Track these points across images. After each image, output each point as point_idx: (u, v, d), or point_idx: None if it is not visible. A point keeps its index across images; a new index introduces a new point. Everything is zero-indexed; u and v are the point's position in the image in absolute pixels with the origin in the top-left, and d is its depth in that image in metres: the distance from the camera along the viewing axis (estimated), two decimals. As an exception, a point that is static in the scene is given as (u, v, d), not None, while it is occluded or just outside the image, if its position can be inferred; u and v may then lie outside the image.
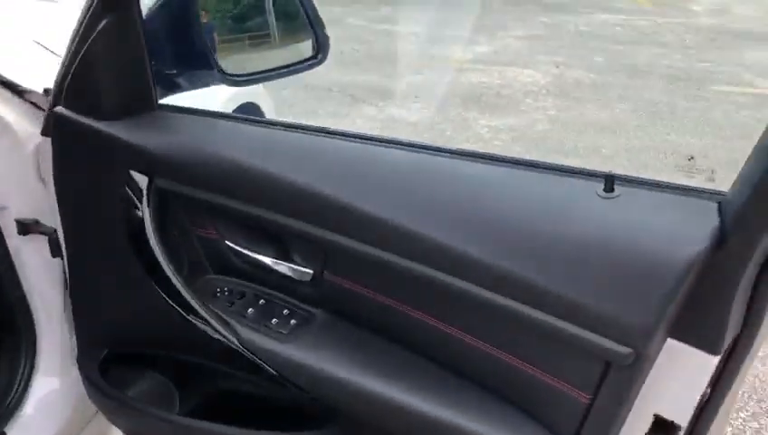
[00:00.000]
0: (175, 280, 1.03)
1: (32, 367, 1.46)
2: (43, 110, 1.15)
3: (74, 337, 1.45)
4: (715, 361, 0.73)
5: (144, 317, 1.20)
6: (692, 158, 3.95)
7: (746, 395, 2.09)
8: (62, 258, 1.31)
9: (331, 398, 0.98)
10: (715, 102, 4.94)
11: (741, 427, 1.99)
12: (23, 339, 1.44)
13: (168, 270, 1.03)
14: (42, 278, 1.40)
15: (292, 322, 1.01)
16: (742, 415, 2.02)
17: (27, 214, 1.26)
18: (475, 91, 5.05)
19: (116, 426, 1.41)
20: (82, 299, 1.28)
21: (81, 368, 1.35)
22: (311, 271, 1.01)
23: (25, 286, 1.39)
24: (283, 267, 1.03)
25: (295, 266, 1.02)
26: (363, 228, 0.88)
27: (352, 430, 1.02)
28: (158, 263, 1.06)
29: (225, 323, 1.02)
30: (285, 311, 1.03)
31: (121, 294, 1.20)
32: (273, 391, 1.13)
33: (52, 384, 1.47)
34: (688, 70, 5.70)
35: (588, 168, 0.80)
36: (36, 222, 1.28)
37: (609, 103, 4.89)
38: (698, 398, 0.76)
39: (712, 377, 0.74)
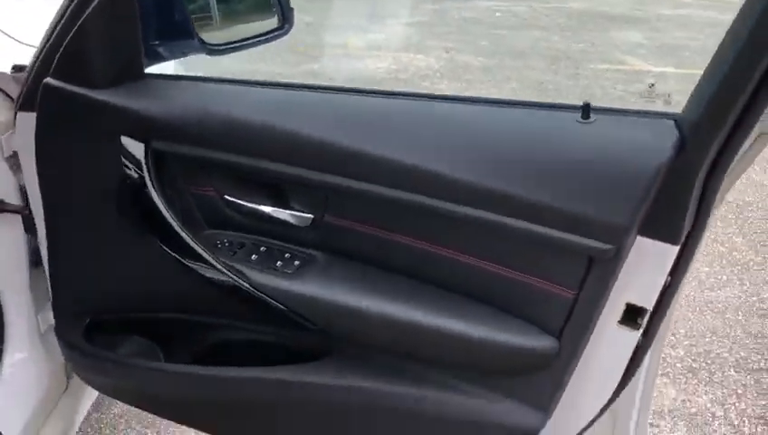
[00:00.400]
0: (183, 233, 1.10)
1: (1, 341, 1.46)
2: (4, 92, 1.18)
3: (41, 314, 1.47)
4: (675, 250, 0.90)
5: (135, 280, 1.25)
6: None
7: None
8: (35, 235, 1.33)
9: (341, 326, 1.08)
10: (593, 79, 5.36)
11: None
12: None
13: (175, 224, 1.10)
14: (6, 257, 1.41)
15: (296, 263, 1.11)
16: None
17: None
18: (374, 76, 5.21)
19: (99, 390, 1.44)
20: (65, 271, 1.30)
21: (60, 337, 1.38)
22: (311, 216, 1.11)
23: None
24: (282, 215, 1.12)
25: (295, 213, 1.11)
26: (361, 167, 0.98)
27: (345, 359, 1.13)
28: (160, 221, 1.12)
29: (233, 269, 1.10)
30: (287, 255, 1.12)
31: (112, 261, 1.24)
32: (264, 336, 1.22)
33: (23, 361, 1.48)
34: (566, 50, 6.12)
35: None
36: (1, 201, 1.30)
37: (499, 84, 5.19)
38: (662, 284, 0.93)
39: (672, 265, 0.92)
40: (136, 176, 1.14)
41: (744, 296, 2.48)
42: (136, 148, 1.13)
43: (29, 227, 1.33)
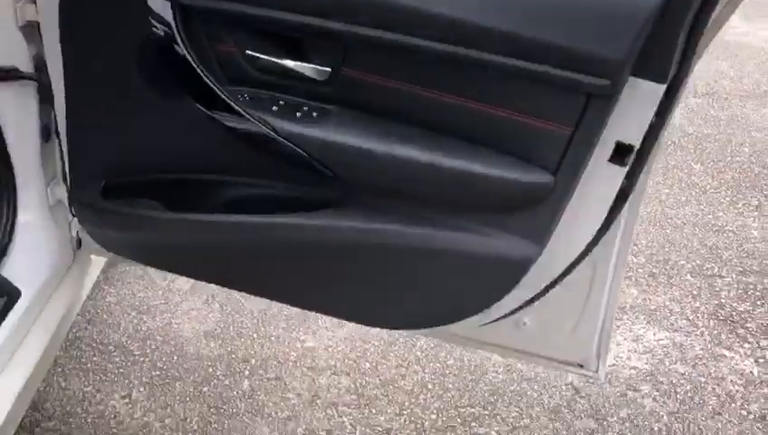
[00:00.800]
0: (211, 82, 1.18)
1: (14, 214, 1.53)
2: None
3: (49, 187, 1.53)
4: (662, 90, 1.03)
5: (155, 139, 1.31)
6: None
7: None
8: (49, 104, 1.39)
9: (355, 170, 1.18)
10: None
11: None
12: (2, 185, 1.50)
13: (204, 75, 1.17)
14: (20, 125, 1.47)
15: (314, 114, 1.20)
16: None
17: (4, 62, 1.32)
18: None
19: (111, 249, 1.52)
20: (83, 135, 1.36)
21: (75, 201, 1.45)
22: (328, 69, 1.20)
23: (4, 134, 1.45)
24: (301, 68, 1.20)
25: (313, 65, 1.20)
26: (378, 14, 1.07)
27: (357, 205, 1.24)
28: (189, 75, 1.19)
29: (255, 116, 1.18)
30: (305, 108, 1.22)
31: (133, 120, 1.31)
32: (279, 191, 1.32)
33: (35, 229, 1.55)
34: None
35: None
36: (16, 69, 1.35)
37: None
38: (648, 123, 1.06)
39: (659, 105, 1.04)
40: (161, 33, 1.21)
41: (700, 214, 2.66)
42: (161, 6, 1.20)
43: (43, 96, 1.39)
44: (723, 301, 2.25)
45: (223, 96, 1.19)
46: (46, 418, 1.72)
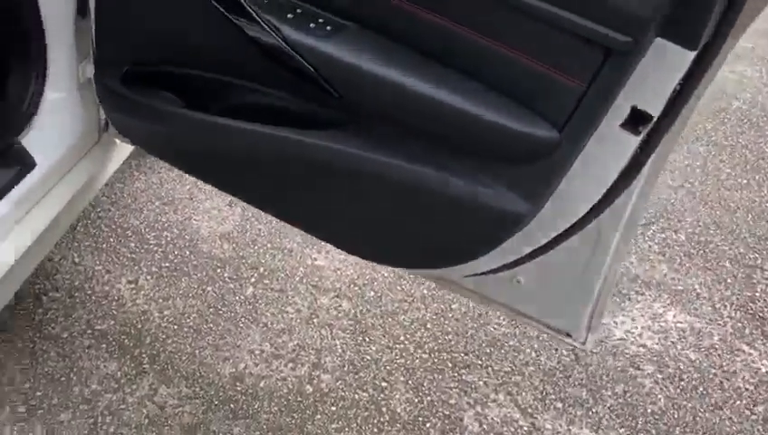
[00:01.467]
0: None
1: (42, 87, 1.55)
2: None
3: (81, 65, 1.55)
4: (690, 57, 0.93)
5: (176, 32, 1.29)
6: None
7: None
8: None
9: (361, 93, 1.14)
10: None
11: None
12: (34, 56, 1.51)
13: None
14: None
15: (328, 27, 1.15)
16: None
17: None
18: None
19: (128, 136, 1.53)
20: (110, 16, 1.35)
21: (98, 82, 1.46)
22: (349, -18, 1.14)
23: (40, 5, 1.45)
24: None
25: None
26: None
27: (361, 130, 1.19)
28: None
29: (269, 24, 1.14)
30: (320, 19, 1.16)
31: (158, 10, 1.28)
32: (287, 103, 1.28)
33: (61, 103, 1.57)
34: None
35: None
36: None
37: None
38: (671, 91, 0.97)
39: (686, 73, 0.95)
40: None
41: (758, 201, 2.50)
42: None
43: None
44: (757, 294, 2.13)
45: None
46: (54, 289, 1.79)
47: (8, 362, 1.59)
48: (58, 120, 1.57)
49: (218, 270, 1.94)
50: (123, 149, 1.79)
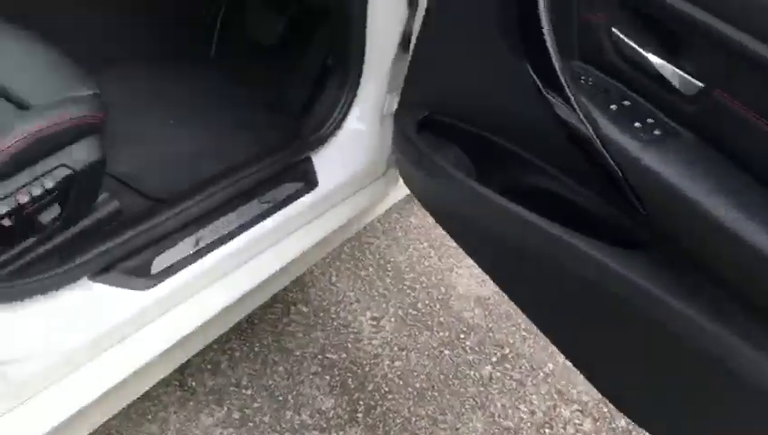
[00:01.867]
0: (555, 59, 0.98)
1: (348, 110, 1.54)
2: None
3: (390, 94, 1.51)
4: None
5: (484, 92, 1.18)
6: None
7: None
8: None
9: (678, 223, 0.90)
10: None
11: None
12: (350, 83, 1.51)
13: (551, 47, 0.98)
14: (383, 31, 1.44)
15: (656, 132, 0.93)
16: None
17: None
18: None
19: (408, 184, 1.46)
20: (425, 61, 1.29)
21: (396, 119, 1.40)
22: (701, 84, 0.90)
23: (368, 35, 1.45)
24: (669, 72, 0.93)
25: (685, 75, 0.92)
26: None
27: (672, 260, 0.95)
28: (537, 41, 1.00)
29: (585, 110, 0.96)
30: (650, 120, 0.95)
31: (472, 67, 1.18)
32: (582, 200, 1.09)
33: (361, 129, 1.55)
34: None
35: None
36: None
37: None
38: None
39: None
40: None
41: None
42: None
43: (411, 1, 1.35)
44: None
45: (561, 75, 0.99)
46: (304, 302, 1.80)
47: (240, 362, 1.62)
48: (352, 147, 1.56)
49: (462, 335, 1.80)
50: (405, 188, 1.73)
